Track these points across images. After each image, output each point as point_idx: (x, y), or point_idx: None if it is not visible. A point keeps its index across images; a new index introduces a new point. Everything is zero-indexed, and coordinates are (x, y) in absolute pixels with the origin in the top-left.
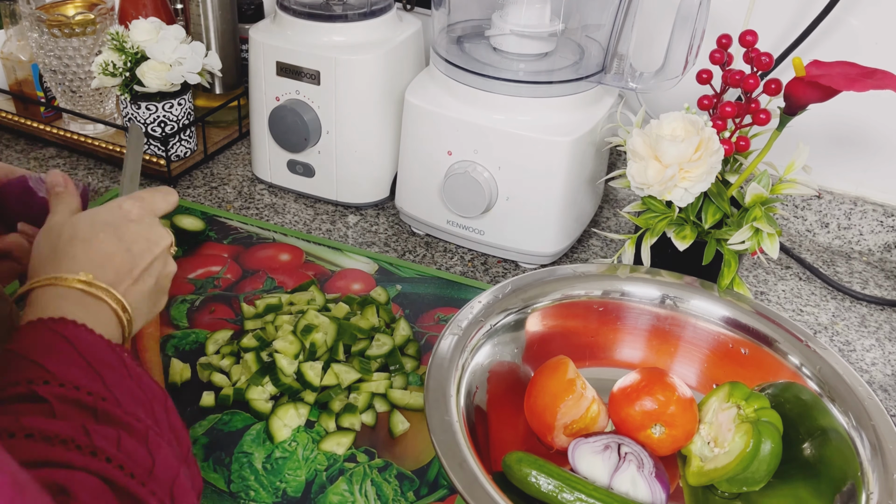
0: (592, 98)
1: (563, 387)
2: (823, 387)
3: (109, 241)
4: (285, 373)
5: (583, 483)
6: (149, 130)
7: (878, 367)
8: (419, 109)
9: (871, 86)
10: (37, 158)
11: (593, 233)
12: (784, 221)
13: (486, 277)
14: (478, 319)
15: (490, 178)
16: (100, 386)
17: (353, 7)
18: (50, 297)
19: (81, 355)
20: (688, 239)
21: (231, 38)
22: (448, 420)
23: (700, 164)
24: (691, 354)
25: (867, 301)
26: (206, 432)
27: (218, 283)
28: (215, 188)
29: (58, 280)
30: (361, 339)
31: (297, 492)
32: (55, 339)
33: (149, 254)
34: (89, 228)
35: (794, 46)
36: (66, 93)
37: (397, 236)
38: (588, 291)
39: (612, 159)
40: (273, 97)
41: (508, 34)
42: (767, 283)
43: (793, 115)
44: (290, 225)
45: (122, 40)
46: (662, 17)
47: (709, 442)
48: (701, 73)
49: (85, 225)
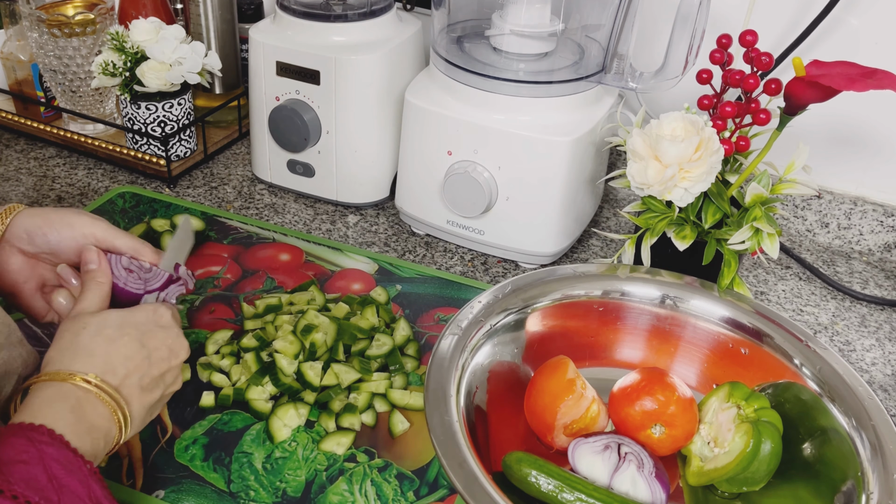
0: (592, 98)
1: (563, 387)
2: (823, 387)
3: (132, 345)
4: (285, 373)
5: (583, 483)
6: (149, 130)
7: (878, 367)
8: (419, 109)
9: (871, 86)
10: (37, 158)
11: (593, 233)
12: (784, 221)
13: (486, 277)
14: (478, 319)
15: (490, 178)
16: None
17: (353, 7)
18: (50, 395)
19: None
20: (688, 239)
21: (231, 38)
22: (448, 420)
23: (700, 164)
24: (691, 354)
25: (867, 301)
26: (206, 432)
27: (218, 283)
28: (215, 188)
29: (67, 376)
30: (361, 339)
31: (297, 492)
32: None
33: (165, 363)
34: (117, 329)
35: (794, 46)
36: (66, 93)
37: (397, 236)
38: (588, 291)
39: (612, 159)
40: (273, 97)
41: (508, 34)
42: (767, 283)
43: (793, 115)
44: (290, 225)
45: (122, 40)
46: (662, 17)
47: (709, 442)
48: (701, 73)
49: (113, 324)
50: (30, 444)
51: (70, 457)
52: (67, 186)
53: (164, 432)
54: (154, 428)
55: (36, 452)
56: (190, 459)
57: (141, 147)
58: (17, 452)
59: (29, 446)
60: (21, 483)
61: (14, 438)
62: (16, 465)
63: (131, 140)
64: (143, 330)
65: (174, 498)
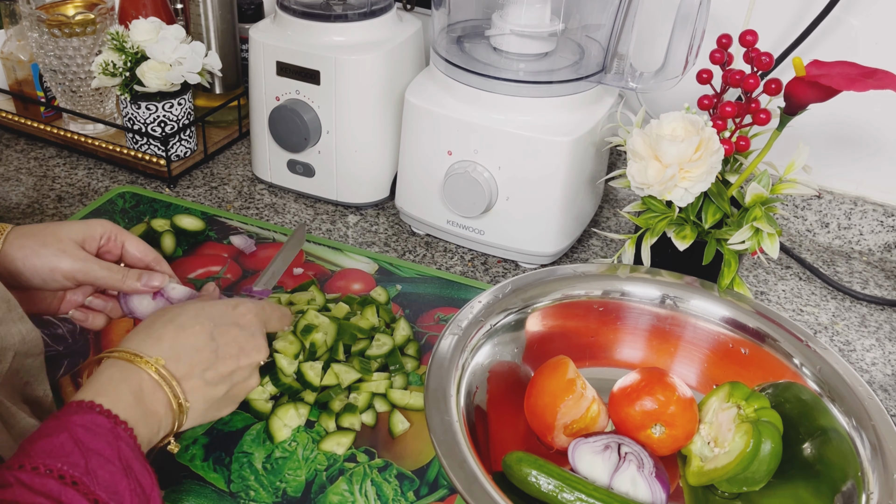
0: (592, 98)
1: (563, 387)
2: (823, 387)
3: (202, 337)
4: (285, 373)
5: (583, 483)
6: (149, 130)
7: (878, 367)
8: (419, 109)
9: (871, 86)
10: (37, 158)
11: (593, 233)
12: (784, 221)
13: (486, 277)
14: (478, 319)
15: (490, 178)
16: (80, 470)
17: (353, 7)
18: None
19: (72, 437)
20: (688, 239)
21: (231, 38)
22: (448, 420)
23: (700, 164)
24: (691, 354)
25: (867, 301)
26: (206, 432)
27: (218, 283)
28: (215, 188)
29: (133, 357)
30: (361, 339)
31: (297, 492)
32: (52, 423)
33: (234, 361)
34: (191, 318)
35: (794, 46)
36: (66, 93)
37: (397, 236)
38: (588, 291)
39: (612, 159)
40: (273, 97)
41: (508, 34)
42: (767, 283)
43: (793, 115)
44: (290, 225)
45: (122, 40)
46: (662, 17)
47: (709, 442)
48: (701, 72)
49: (189, 313)
50: (55, 420)
51: (98, 419)
52: (67, 186)
53: None
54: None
55: (60, 424)
56: (190, 459)
57: (141, 147)
58: (44, 428)
59: (54, 421)
60: (41, 454)
61: (46, 420)
62: (39, 441)
63: (131, 140)
64: (217, 322)
65: (174, 498)
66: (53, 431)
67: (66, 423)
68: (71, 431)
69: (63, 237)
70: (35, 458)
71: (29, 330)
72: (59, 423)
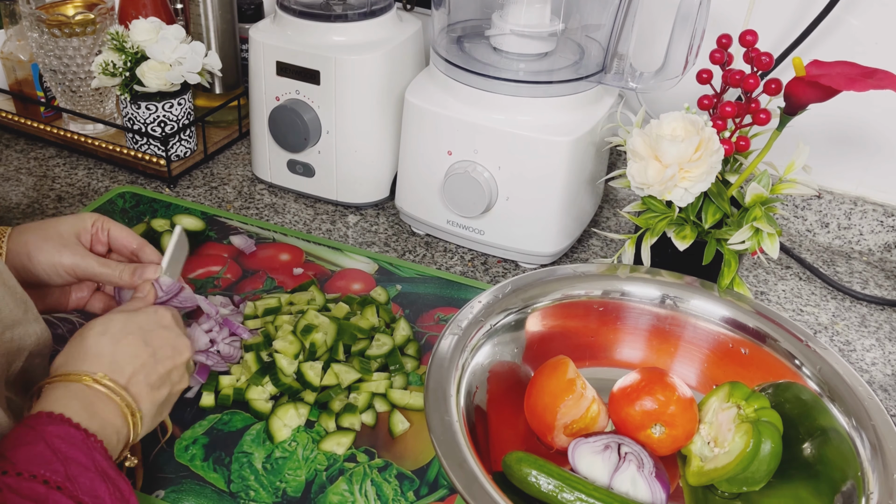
0: (592, 98)
1: (563, 387)
2: (823, 387)
3: (137, 344)
4: (285, 373)
5: (583, 483)
6: (149, 130)
7: (878, 367)
8: (419, 109)
9: (871, 86)
10: (37, 158)
11: (593, 233)
12: (784, 221)
13: (486, 277)
14: (478, 319)
15: (490, 178)
16: (61, 476)
17: (353, 7)
18: (60, 394)
19: (50, 447)
20: (688, 239)
21: (231, 38)
22: (448, 420)
23: (700, 164)
24: (691, 354)
25: (867, 301)
26: (206, 432)
27: (218, 283)
28: (215, 188)
29: (76, 377)
30: (361, 339)
31: (297, 492)
32: (28, 433)
33: (170, 361)
34: (121, 329)
35: (794, 46)
36: (66, 93)
37: (397, 236)
38: (588, 291)
39: (612, 159)
40: (273, 97)
41: (508, 34)
42: (767, 283)
43: (793, 115)
44: (290, 225)
45: (122, 40)
46: (662, 17)
47: (709, 442)
48: (701, 72)
49: (118, 324)
50: (30, 430)
51: (71, 431)
52: (67, 186)
53: (164, 432)
54: (154, 428)
55: (36, 434)
56: (190, 459)
57: (141, 147)
58: (19, 437)
59: (29, 431)
60: (24, 461)
61: (16, 429)
62: (18, 449)
63: (131, 140)
64: (146, 329)
65: (174, 498)
66: (31, 441)
67: (41, 433)
68: (48, 441)
69: (63, 232)
70: (18, 465)
71: (43, 330)
72: (35, 433)
